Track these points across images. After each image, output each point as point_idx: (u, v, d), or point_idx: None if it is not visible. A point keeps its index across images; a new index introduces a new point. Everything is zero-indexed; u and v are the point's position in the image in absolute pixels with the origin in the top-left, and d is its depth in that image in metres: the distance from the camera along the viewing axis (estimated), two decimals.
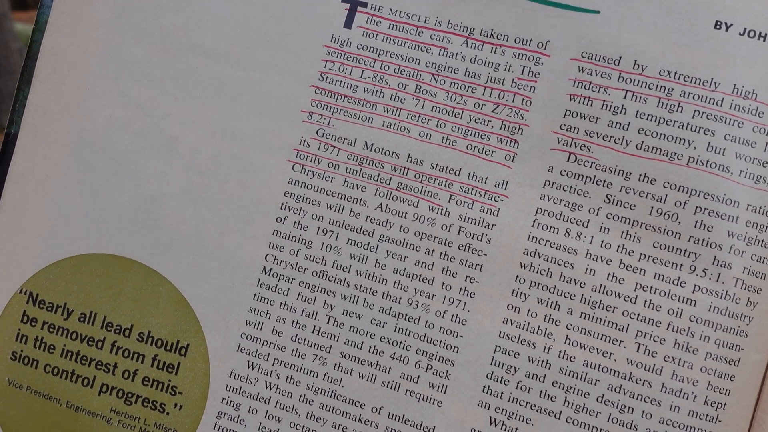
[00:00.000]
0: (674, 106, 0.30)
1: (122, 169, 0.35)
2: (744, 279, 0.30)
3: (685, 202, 0.30)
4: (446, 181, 0.32)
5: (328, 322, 0.33)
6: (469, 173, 0.32)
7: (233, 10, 0.34)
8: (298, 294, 0.34)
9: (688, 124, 0.30)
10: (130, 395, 0.35)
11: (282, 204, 0.34)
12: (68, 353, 0.35)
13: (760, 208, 0.30)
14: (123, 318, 0.35)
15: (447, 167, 0.32)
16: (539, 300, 0.31)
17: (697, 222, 0.30)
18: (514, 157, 0.32)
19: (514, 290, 0.32)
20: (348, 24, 0.34)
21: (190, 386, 0.34)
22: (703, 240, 0.30)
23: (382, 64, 0.33)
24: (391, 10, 0.33)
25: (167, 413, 0.34)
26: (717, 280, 0.30)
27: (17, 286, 0.36)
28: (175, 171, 0.35)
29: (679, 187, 0.30)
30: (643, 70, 0.31)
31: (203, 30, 0.34)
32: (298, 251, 0.34)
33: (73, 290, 0.35)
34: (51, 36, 0.36)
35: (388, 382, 0.33)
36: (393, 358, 0.33)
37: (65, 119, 0.35)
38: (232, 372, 0.34)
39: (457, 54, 0.32)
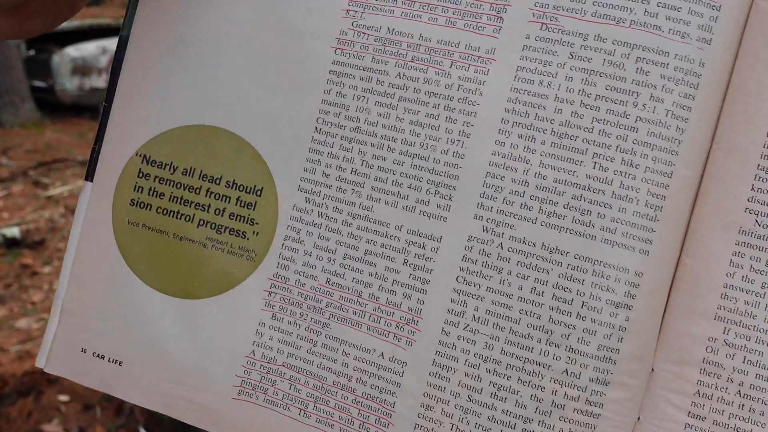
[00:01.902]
0: None
1: (212, 62, 0.47)
2: (673, 111, 0.39)
3: (629, 54, 0.40)
4: (448, 52, 0.43)
5: (362, 165, 0.44)
6: (466, 45, 0.43)
7: None
8: (340, 146, 0.45)
9: None
10: (220, 227, 0.47)
11: (327, 80, 0.45)
12: (174, 198, 0.48)
13: (685, 56, 0.39)
14: (214, 171, 0.47)
15: (449, 41, 0.43)
16: (519, 135, 0.41)
17: (638, 69, 0.40)
18: (500, 30, 0.42)
19: (500, 129, 0.42)
20: None
21: (264, 218, 0.46)
22: (642, 82, 0.40)
23: None
24: None
25: (248, 239, 0.46)
26: (653, 112, 0.40)
27: (134, 150, 0.48)
28: (250, 62, 0.47)
29: (624, 43, 0.40)
30: None
31: None
32: (339, 113, 0.45)
33: (177, 152, 0.48)
34: None
35: (407, 206, 0.43)
36: (410, 188, 0.43)
37: (169, 25, 0.48)
38: (294, 206, 0.46)
39: None
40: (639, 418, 0.41)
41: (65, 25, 3.94)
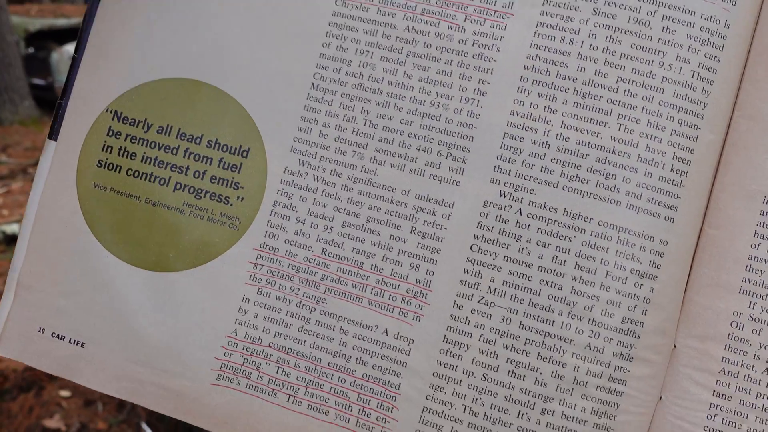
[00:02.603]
0: None
1: (197, 9, 0.42)
2: (700, 72, 0.38)
3: (654, 12, 0.38)
4: (462, 5, 0.40)
5: (364, 125, 0.41)
6: None
7: None
8: (340, 104, 0.41)
9: None
10: (200, 191, 0.42)
11: (327, 32, 0.41)
12: (147, 159, 0.42)
13: (711, 17, 0.38)
14: (194, 129, 0.42)
15: None
16: (540, 94, 0.39)
17: (664, 27, 0.38)
18: None
19: (519, 88, 0.39)
20: None
21: (250, 182, 0.41)
22: (669, 41, 0.38)
23: None
24: None
25: (231, 204, 0.41)
26: (680, 72, 0.38)
27: (104, 105, 0.43)
28: (240, 10, 0.42)
29: (650, 0, 0.38)
30: None
31: None
32: (339, 69, 0.41)
33: (152, 108, 0.42)
34: None
35: (415, 170, 0.40)
36: (419, 150, 0.40)
37: None
38: (285, 169, 0.41)
39: None
40: (661, 398, 0.38)
41: (64, 22, 3.82)
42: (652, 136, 0.38)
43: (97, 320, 0.41)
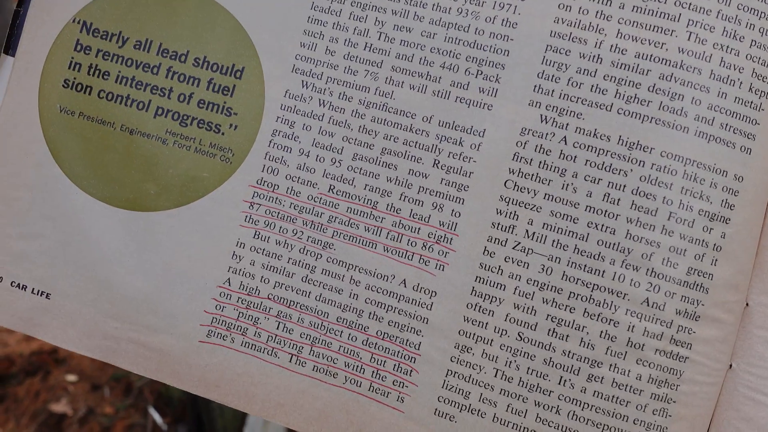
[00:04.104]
0: None
1: None
2: None
3: None
4: None
5: (379, 39, 0.34)
6: None
7: None
8: (350, 14, 0.34)
9: None
10: (185, 117, 0.35)
11: None
12: (123, 79, 0.36)
13: None
14: (179, 44, 0.36)
15: None
16: None
17: None
18: None
19: None
20: None
21: (245, 107, 0.35)
22: None
23: None
24: None
25: (222, 133, 0.35)
26: None
27: (70, 15, 0.36)
28: None
29: None
30: None
31: None
32: None
33: (128, 19, 0.36)
34: None
35: (439, 91, 0.33)
36: (443, 67, 0.33)
37: None
38: (286, 92, 0.35)
39: None
40: (732, 365, 0.32)
41: None
42: (728, 47, 0.31)
43: (64, 267, 0.36)
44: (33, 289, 0.36)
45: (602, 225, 0.31)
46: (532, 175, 0.32)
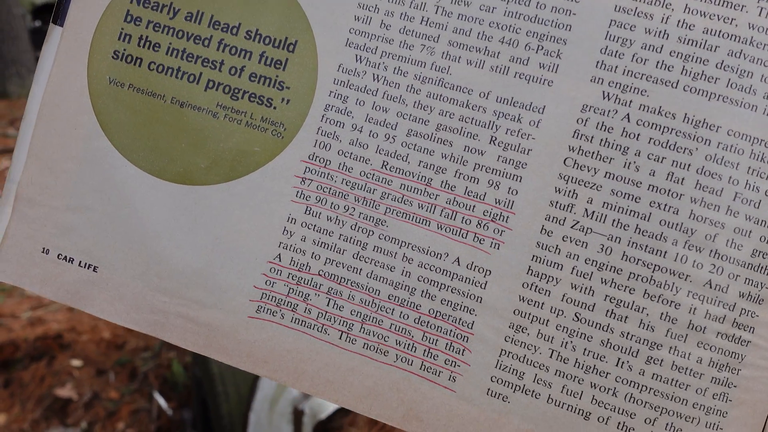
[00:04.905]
0: None
1: None
2: None
3: None
4: None
5: (436, 12, 0.33)
6: None
7: None
8: None
9: None
10: (236, 90, 0.35)
11: None
12: (174, 51, 0.36)
13: None
14: (230, 17, 0.35)
15: None
16: None
17: None
18: None
19: None
20: None
21: (297, 81, 0.35)
22: None
23: None
24: None
25: (274, 107, 0.35)
26: None
27: None
28: None
29: None
30: None
31: None
32: None
33: None
34: None
35: (497, 67, 0.33)
36: (502, 42, 0.33)
37: None
38: (340, 66, 0.34)
39: None
40: None
41: None
42: None
43: (112, 240, 0.35)
44: (80, 261, 0.36)
45: (665, 204, 0.31)
46: (593, 153, 0.31)
